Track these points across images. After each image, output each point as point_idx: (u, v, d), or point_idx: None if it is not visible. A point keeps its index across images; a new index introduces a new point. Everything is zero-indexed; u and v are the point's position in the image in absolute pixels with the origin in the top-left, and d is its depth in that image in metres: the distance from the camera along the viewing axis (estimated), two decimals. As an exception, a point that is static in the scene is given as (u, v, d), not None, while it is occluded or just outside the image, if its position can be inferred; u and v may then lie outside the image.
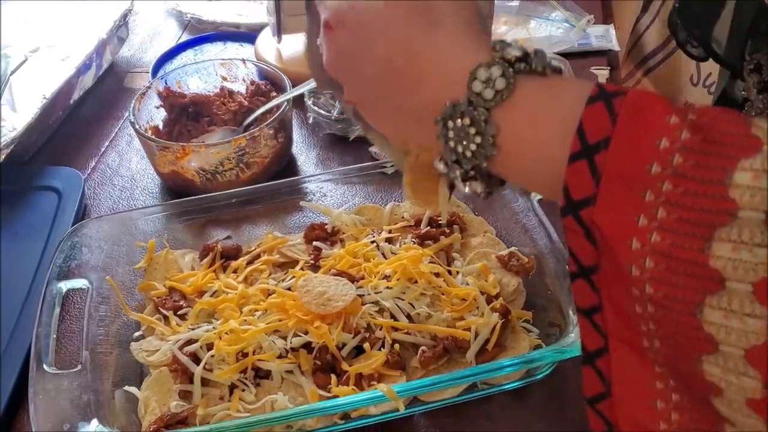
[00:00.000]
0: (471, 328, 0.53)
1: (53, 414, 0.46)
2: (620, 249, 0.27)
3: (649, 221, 0.26)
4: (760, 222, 0.24)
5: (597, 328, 0.31)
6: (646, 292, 0.27)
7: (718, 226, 0.25)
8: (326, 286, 0.55)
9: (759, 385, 0.26)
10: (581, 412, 0.52)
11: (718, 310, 0.25)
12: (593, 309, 0.30)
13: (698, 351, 0.27)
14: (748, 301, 0.24)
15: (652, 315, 0.28)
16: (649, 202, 0.26)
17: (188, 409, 0.50)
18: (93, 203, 0.75)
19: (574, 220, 0.29)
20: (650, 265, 0.26)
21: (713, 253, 0.25)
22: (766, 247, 0.24)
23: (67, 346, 0.57)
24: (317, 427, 0.50)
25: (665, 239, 0.26)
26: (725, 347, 0.26)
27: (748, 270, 0.24)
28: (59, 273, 0.56)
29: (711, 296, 0.25)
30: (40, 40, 0.88)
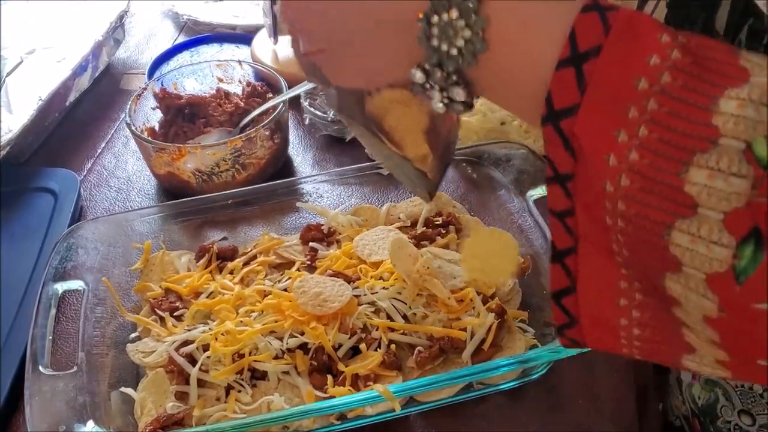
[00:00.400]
0: (467, 329, 0.53)
1: (49, 415, 0.46)
2: (597, 163, 0.27)
3: (630, 138, 0.26)
4: (740, 151, 0.24)
5: (568, 230, 0.30)
6: (618, 208, 0.27)
7: (698, 151, 0.24)
8: (322, 286, 0.55)
9: (716, 307, 0.26)
10: (577, 412, 0.53)
11: (686, 235, 0.25)
12: (566, 212, 0.30)
13: (662, 269, 0.27)
14: (717, 229, 0.25)
15: (622, 229, 0.28)
16: (632, 118, 0.26)
17: (185, 410, 0.50)
18: (89, 205, 0.75)
19: (553, 129, 0.28)
20: (625, 183, 0.26)
21: (689, 179, 0.25)
22: (743, 178, 0.24)
23: (63, 348, 0.57)
24: (314, 428, 0.50)
25: (644, 158, 0.26)
26: (688, 269, 0.26)
27: (722, 199, 0.24)
28: (55, 274, 0.56)
29: (682, 220, 0.25)
30: (36, 42, 0.88)
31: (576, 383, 0.55)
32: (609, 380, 0.55)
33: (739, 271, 0.25)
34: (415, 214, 0.66)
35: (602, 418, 0.53)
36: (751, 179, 0.24)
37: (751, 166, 0.24)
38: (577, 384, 0.55)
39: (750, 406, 0.58)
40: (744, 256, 0.24)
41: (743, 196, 0.24)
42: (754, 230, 0.24)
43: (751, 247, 0.24)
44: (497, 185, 0.66)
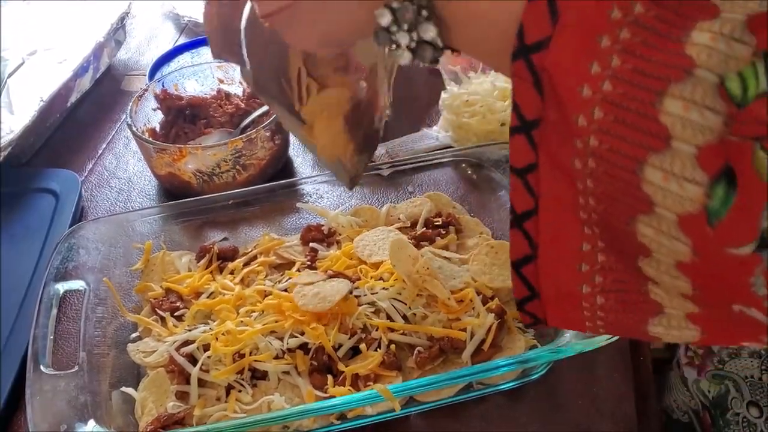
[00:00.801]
0: (467, 329, 0.54)
1: (50, 415, 0.46)
2: (569, 96, 0.26)
3: (603, 69, 0.25)
4: (714, 85, 0.23)
5: (529, 189, 0.30)
6: (589, 144, 0.26)
7: (673, 81, 0.24)
8: (320, 287, 0.55)
9: (689, 251, 0.25)
10: (577, 412, 0.53)
11: (659, 171, 0.25)
12: (528, 168, 0.29)
13: (634, 210, 0.26)
14: (690, 164, 0.24)
15: (593, 170, 0.27)
16: (604, 48, 0.25)
17: (185, 410, 0.50)
18: (90, 205, 0.75)
19: (524, 64, 0.27)
20: (599, 115, 0.26)
21: (664, 109, 0.24)
22: (717, 113, 0.23)
23: (64, 348, 0.57)
24: (314, 428, 0.50)
25: (617, 88, 0.25)
26: (660, 210, 0.25)
27: (696, 132, 0.24)
28: (56, 274, 0.56)
29: (654, 155, 0.25)
30: (38, 43, 0.88)
31: (576, 383, 0.55)
32: (609, 380, 0.55)
33: (711, 212, 0.24)
34: (415, 215, 0.66)
35: (602, 419, 0.53)
36: (723, 116, 0.23)
37: (725, 102, 0.23)
38: (576, 384, 0.55)
39: (758, 397, 0.58)
40: (716, 195, 0.24)
41: (716, 132, 0.23)
42: (726, 168, 0.23)
43: (722, 186, 0.24)
44: (497, 186, 0.66)
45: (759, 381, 0.59)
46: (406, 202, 0.68)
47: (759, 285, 0.24)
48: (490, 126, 0.73)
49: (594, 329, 0.32)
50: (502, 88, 0.75)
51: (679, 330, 0.29)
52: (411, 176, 0.69)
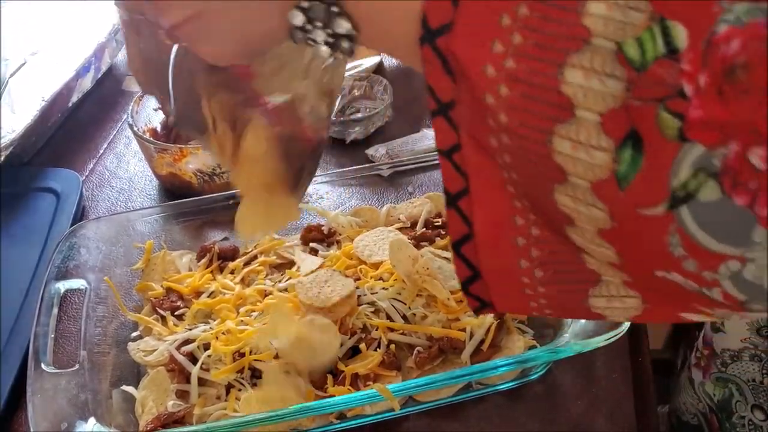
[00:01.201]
0: (466, 329, 0.54)
1: (51, 413, 0.47)
2: (476, 77, 0.27)
3: (505, 47, 0.26)
4: (612, 52, 0.24)
5: (458, 168, 0.30)
6: (501, 121, 0.27)
7: (572, 51, 0.24)
8: (323, 284, 0.55)
9: (606, 216, 0.26)
10: (576, 412, 0.53)
11: (567, 141, 0.25)
12: (453, 148, 0.30)
13: (550, 181, 0.27)
14: (595, 132, 0.24)
15: (508, 146, 0.27)
16: (505, 26, 0.26)
17: (185, 409, 0.50)
18: (91, 205, 0.75)
19: (431, 49, 0.28)
20: (505, 92, 0.26)
21: (565, 79, 0.24)
22: (617, 79, 0.24)
23: (65, 346, 0.57)
24: (313, 427, 0.50)
25: (520, 64, 0.26)
26: (573, 178, 0.26)
27: (598, 99, 0.24)
28: (57, 273, 0.56)
29: (560, 125, 0.25)
30: (40, 43, 0.89)
31: (574, 383, 0.55)
32: (607, 381, 0.56)
33: (620, 176, 0.24)
34: (414, 216, 0.66)
35: (601, 419, 0.53)
36: (624, 82, 0.23)
37: (624, 68, 0.23)
38: (575, 384, 0.55)
39: (762, 401, 0.58)
40: (623, 160, 0.24)
41: (618, 98, 0.24)
42: (632, 133, 0.24)
43: (629, 150, 0.24)
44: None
45: (761, 384, 0.59)
46: (406, 202, 0.68)
47: (675, 244, 0.25)
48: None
49: (539, 310, 0.32)
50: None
51: (621, 300, 0.30)
52: (411, 177, 0.69)
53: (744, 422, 0.61)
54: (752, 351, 0.61)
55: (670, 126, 0.23)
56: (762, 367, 0.60)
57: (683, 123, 0.23)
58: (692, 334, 0.77)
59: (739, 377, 0.61)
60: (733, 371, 0.62)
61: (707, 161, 0.23)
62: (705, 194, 0.23)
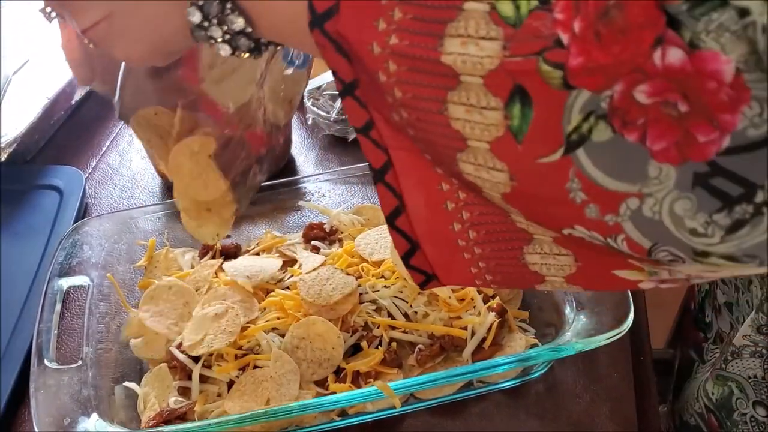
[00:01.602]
0: (468, 327, 0.54)
1: (54, 408, 0.47)
2: (365, 56, 0.27)
3: (388, 24, 0.26)
4: (485, 14, 0.24)
5: (376, 144, 0.31)
6: (396, 96, 0.27)
7: (448, 21, 0.25)
8: (323, 283, 0.55)
9: (507, 177, 0.26)
10: (577, 411, 0.53)
11: (460, 106, 0.26)
12: (367, 125, 0.30)
13: (452, 150, 0.27)
14: (482, 93, 0.25)
15: (408, 120, 0.28)
16: (386, 4, 0.26)
17: (187, 405, 0.51)
18: (94, 202, 0.76)
19: (321, 34, 0.29)
20: (393, 68, 0.27)
21: (445, 50, 0.25)
22: (493, 40, 0.24)
23: (67, 342, 0.57)
24: (314, 424, 0.51)
25: (403, 40, 0.26)
26: (472, 142, 0.26)
27: (476, 64, 0.24)
28: (60, 270, 0.56)
29: (451, 92, 0.26)
30: (43, 41, 0.89)
31: (576, 382, 0.55)
32: (609, 379, 0.56)
33: (514, 131, 0.25)
34: (417, 214, 0.66)
35: (602, 418, 0.53)
36: (501, 40, 0.24)
37: (500, 27, 0.24)
38: (576, 383, 0.55)
39: (764, 397, 0.58)
40: (514, 116, 0.25)
41: (495, 58, 0.24)
42: (516, 88, 0.24)
43: (517, 105, 0.24)
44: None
45: (762, 380, 0.59)
46: (408, 201, 0.68)
47: (576, 189, 0.25)
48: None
49: (481, 277, 0.33)
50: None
51: (554, 258, 0.30)
52: (413, 175, 0.69)
53: (746, 419, 0.61)
54: (752, 348, 0.61)
55: (553, 77, 0.23)
56: (764, 362, 0.60)
57: (565, 72, 0.23)
58: (695, 333, 0.77)
59: (739, 374, 0.61)
60: (733, 369, 0.62)
61: (595, 104, 0.23)
62: (598, 135, 0.23)
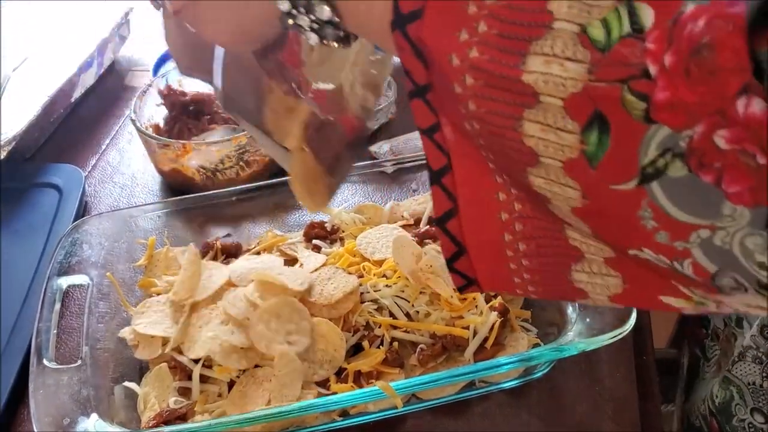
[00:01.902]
0: (470, 327, 0.54)
1: (53, 408, 0.46)
2: (443, 65, 0.27)
3: (470, 36, 0.26)
4: (574, 35, 0.23)
5: (439, 147, 0.31)
6: (470, 109, 0.27)
7: (534, 39, 0.24)
8: (324, 282, 0.55)
9: (579, 194, 0.26)
10: (579, 411, 0.53)
11: (535, 124, 0.25)
12: (433, 128, 0.30)
13: (523, 164, 0.27)
14: (561, 116, 0.25)
15: (479, 132, 0.28)
16: (472, 15, 0.26)
17: (187, 405, 0.50)
18: (93, 201, 0.75)
19: (401, 35, 0.28)
20: (470, 82, 0.26)
21: (527, 68, 0.25)
22: (579, 62, 0.23)
23: (67, 342, 0.57)
24: (316, 424, 0.50)
25: (483, 54, 0.26)
26: (545, 159, 0.26)
27: (558, 85, 0.24)
28: (60, 269, 0.56)
29: (528, 110, 0.25)
30: (43, 39, 0.89)
31: (578, 382, 0.55)
32: (611, 380, 0.55)
33: (589, 156, 0.25)
34: (418, 213, 0.66)
35: (604, 418, 0.53)
36: (587, 64, 0.23)
37: (588, 50, 0.23)
38: (579, 383, 0.55)
39: (761, 404, 0.58)
40: (590, 142, 0.24)
41: (579, 81, 0.24)
42: (596, 114, 0.24)
43: (595, 132, 0.24)
44: (501, 184, 0.66)
45: (760, 388, 0.59)
46: (410, 199, 0.68)
47: (647, 217, 0.25)
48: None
49: (523, 287, 0.33)
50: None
51: (602, 278, 0.30)
52: (415, 174, 0.69)
53: (744, 425, 0.61)
54: (755, 352, 0.61)
55: (636, 107, 0.23)
56: (762, 369, 0.59)
57: (649, 105, 0.23)
58: (698, 330, 0.77)
59: (741, 379, 0.61)
60: (737, 372, 0.62)
61: (673, 142, 0.23)
62: (673, 171, 0.23)
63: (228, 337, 0.51)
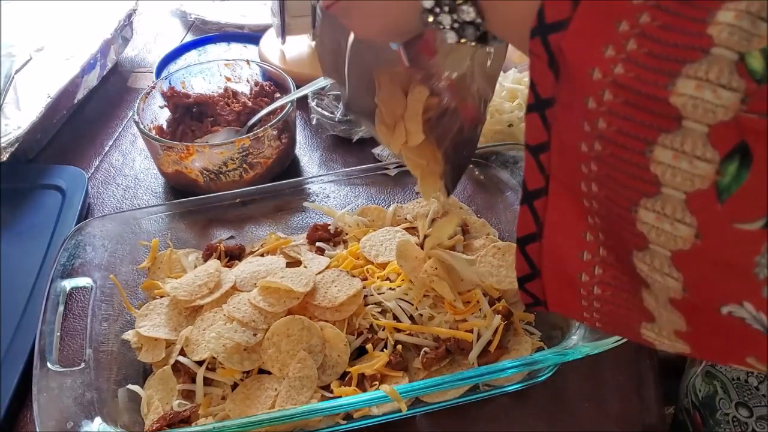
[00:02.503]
0: (473, 330, 0.53)
1: (57, 412, 0.46)
2: (581, 78, 0.27)
3: (617, 52, 0.25)
4: (731, 63, 0.23)
5: (541, 168, 0.30)
6: (598, 127, 0.26)
7: (688, 62, 0.24)
8: (328, 285, 0.55)
9: (692, 233, 0.25)
10: (583, 414, 0.53)
11: (669, 150, 0.25)
12: (541, 146, 0.30)
13: (638, 194, 0.26)
14: (702, 143, 0.24)
15: (598, 153, 0.27)
16: (622, 32, 0.25)
17: (191, 408, 0.50)
18: (96, 202, 0.75)
19: (541, 43, 0.28)
20: (608, 98, 0.26)
21: (677, 90, 0.24)
22: (733, 91, 0.23)
23: (70, 344, 0.57)
24: (320, 427, 0.50)
25: (629, 72, 0.25)
26: (667, 189, 0.25)
27: (708, 111, 0.23)
28: (63, 271, 0.56)
29: (665, 135, 0.25)
30: (46, 40, 0.89)
31: (582, 386, 0.55)
32: (615, 383, 0.55)
33: (721, 188, 0.24)
34: (421, 216, 0.66)
35: (608, 421, 0.53)
36: (741, 93, 0.23)
37: (743, 79, 0.23)
38: (582, 387, 0.55)
39: (747, 398, 0.58)
40: (727, 173, 0.24)
41: (730, 110, 0.23)
42: (740, 146, 0.23)
43: (735, 163, 0.23)
44: (504, 187, 0.66)
45: (746, 383, 0.59)
46: (413, 202, 0.68)
47: (763, 265, 0.24)
48: (498, 126, 0.73)
49: (590, 320, 0.32)
50: (510, 89, 0.75)
51: (669, 341, 0.30)
52: (418, 176, 0.69)
53: (728, 419, 0.61)
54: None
55: None
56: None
57: None
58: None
59: (725, 375, 0.61)
60: (721, 367, 0.62)
61: None
62: None
63: (232, 335, 0.51)
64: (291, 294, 0.54)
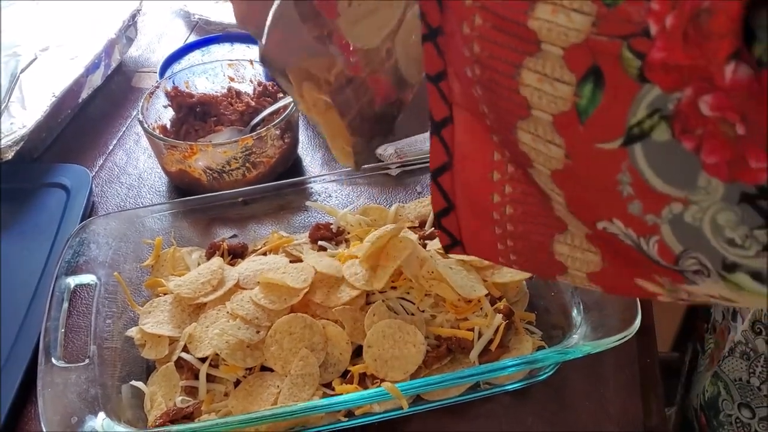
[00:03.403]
0: (474, 329, 0.54)
1: (61, 407, 0.47)
2: (456, 5, 0.28)
3: None
4: None
5: (443, 96, 0.31)
6: (474, 51, 0.28)
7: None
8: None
9: (562, 153, 0.26)
10: (584, 413, 0.53)
11: (533, 73, 0.26)
12: (440, 75, 0.31)
13: (514, 116, 0.27)
14: (559, 65, 0.25)
15: (479, 78, 0.28)
16: None
17: (193, 405, 0.51)
18: (101, 201, 0.76)
19: None
20: (478, 22, 0.27)
21: (534, 15, 0.25)
22: (585, 14, 0.24)
23: (74, 341, 0.57)
24: (321, 424, 0.50)
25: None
26: (536, 112, 0.26)
27: (561, 34, 0.24)
28: (67, 268, 0.56)
29: (529, 58, 0.26)
30: (50, 39, 0.89)
31: (583, 384, 0.55)
32: (615, 382, 0.56)
33: (580, 110, 0.25)
34: (423, 215, 0.66)
35: (608, 420, 0.53)
36: (593, 17, 0.24)
37: (595, 4, 0.24)
38: (583, 385, 0.55)
39: (749, 399, 0.59)
40: (584, 95, 0.25)
41: (582, 32, 0.24)
42: (593, 68, 0.24)
43: (590, 85, 0.24)
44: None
45: (747, 384, 0.59)
46: (415, 201, 0.68)
47: (625, 182, 0.25)
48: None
49: (505, 255, 0.33)
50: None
51: (582, 252, 0.30)
52: (420, 176, 0.69)
53: (731, 420, 0.61)
54: (743, 347, 0.61)
55: (632, 65, 0.23)
56: (749, 366, 0.59)
57: (643, 63, 0.23)
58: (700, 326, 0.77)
59: (728, 375, 0.61)
60: (724, 368, 0.62)
61: (662, 104, 0.23)
62: (657, 135, 0.24)
63: (235, 332, 0.51)
64: (291, 291, 0.54)
